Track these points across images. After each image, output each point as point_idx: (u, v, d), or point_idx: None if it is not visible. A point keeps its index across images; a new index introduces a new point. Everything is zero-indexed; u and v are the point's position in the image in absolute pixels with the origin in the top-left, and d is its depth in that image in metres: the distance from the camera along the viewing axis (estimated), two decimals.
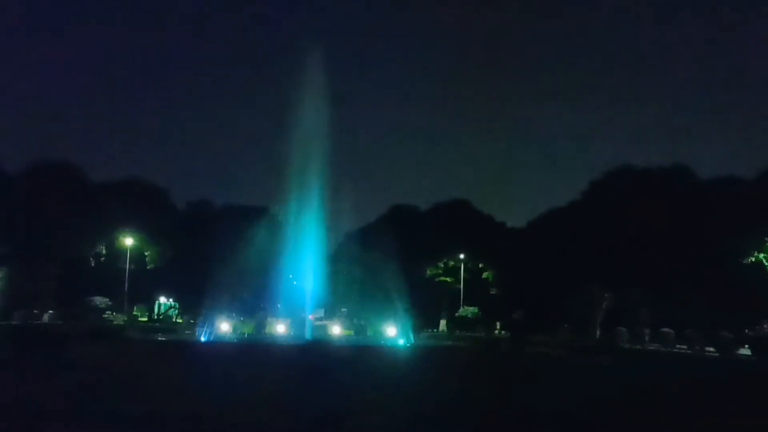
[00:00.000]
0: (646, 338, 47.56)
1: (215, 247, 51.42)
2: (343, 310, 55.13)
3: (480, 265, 74.24)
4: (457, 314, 68.65)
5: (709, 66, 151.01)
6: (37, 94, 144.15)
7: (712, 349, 38.53)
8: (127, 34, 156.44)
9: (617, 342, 46.40)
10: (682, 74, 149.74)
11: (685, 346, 41.73)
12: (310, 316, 47.60)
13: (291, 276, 50.35)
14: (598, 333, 56.54)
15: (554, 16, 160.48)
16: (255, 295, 49.80)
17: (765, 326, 45.39)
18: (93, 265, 67.88)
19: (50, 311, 54.72)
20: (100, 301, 61.56)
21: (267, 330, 47.11)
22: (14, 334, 36.74)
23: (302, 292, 48.16)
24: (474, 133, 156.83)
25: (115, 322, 56.55)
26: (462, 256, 72.25)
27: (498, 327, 63.53)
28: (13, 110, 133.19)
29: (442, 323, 65.90)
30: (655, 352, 39.93)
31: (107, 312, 61.13)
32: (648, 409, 14.93)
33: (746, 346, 37.96)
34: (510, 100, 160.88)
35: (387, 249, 49.71)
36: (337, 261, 53.53)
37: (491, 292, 72.35)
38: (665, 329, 49.47)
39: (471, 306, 69.38)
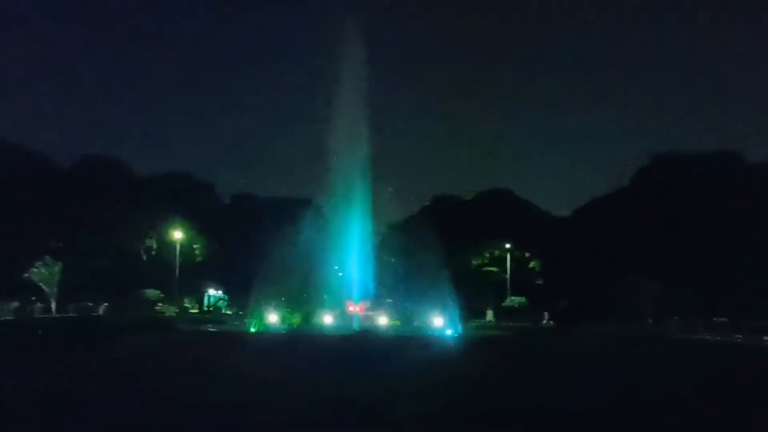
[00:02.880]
0: (700, 328, 46.49)
1: (261, 239, 52.07)
2: (388, 300, 55.15)
3: (526, 255, 73.54)
4: (503, 304, 68.10)
5: (757, 47, 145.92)
6: (85, 90, 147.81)
7: (767, 338, 37.52)
8: (172, 29, 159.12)
9: (667, 332, 45.45)
10: (730, 56, 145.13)
11: (740, 336, 40.65)
12: (354, 307, 47.78)
13: (337, 267, 50.67)
14: (650, 322, 55.49)
15: None
16: (302, 287, 50.17)
17: None
18: (144, 258, 69.60)
19: (104, 303, 56.26)
20: (151, 293, 63.04)
21: (314, 321, 47.49)
22: (71, 326, 37.93)
23: (349, 283, 48.45)
24: (516, 122, 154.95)
25: (166, 314, 57.85)
26: (507, 245, 71.62)
27: (546, 317, 62.84)
28: (62, 106, 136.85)
29: (489, 313, 65.35)
30: (706, 342, 38.90)
31: (159, 304, 62.55)
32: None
33: None
34: (553, 86, 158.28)
35: (431, 239, 49.63)
36: (382, 252, 53.53)
37: (538, 282, 71.61)
38: (719, 318, 48.33)
39: (518, 296, 68.76)
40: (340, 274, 50.57)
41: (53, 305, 53.63)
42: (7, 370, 17.47)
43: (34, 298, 53.94)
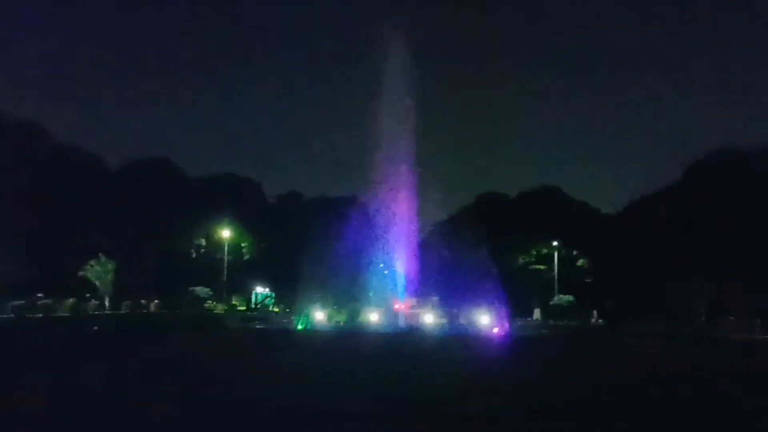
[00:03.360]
0: (757, 329, 44.98)
1: (307, 237, 52.46)
2: (434, 298, 54.93)
3: (574, 253, 72.41)
4: (551, 302, 67.20)
5: None
6: (136, 94, 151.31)
7: None
8: (220, 31, 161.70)
9: (722, 332, 44.09)
10: None
11: None
12: (400, 304, 47.74)
13: (382, 265, 50.70)
14: (702, 322, 53.97)
15: None
16: (347, 285, 50.36)
17: None
18: (193, 256, 70.96)
19: (155, 301, 57.52)
20: (200, 290, 64.21)
21: (360, 319, 47.64)
22: (125, 323, 38.89)
23: (394, 281, 48.44)
24: (564, 118, 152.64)
25: (215, 311, 58.83)
26: (555, 243, 70.61)
27: (595, 315, 61.74)
28: (113, 109, 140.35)
29: (536, 312, 64.62)
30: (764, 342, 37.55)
31: (208, 301, 63.64)
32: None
33: None
34: (603, 81, 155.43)
35: (477, 237, 49.23)
36: (428, 249, 53.32)
37: (586, 280, 70.45)
38: None
39: (566, 294, 67.75)
40: (386, 271, 50.62)
41: (107, 302, 55.06)
42: (72, 366, 18.02)
43: (88, 295, 55.47)
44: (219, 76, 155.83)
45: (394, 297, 47.85)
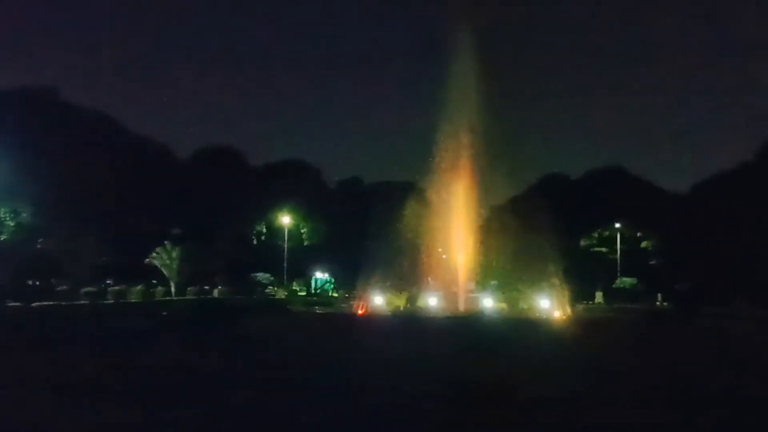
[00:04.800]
0: None
1: (367, 223, 52.68)
2: (493, 282, 54.43)
3: (638, 234, 70.37)
4: (613, 285, 65.57)
5: None
6: (200, 83, 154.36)
7: None
8: (282, 19, 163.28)
9: None
10: None
11: None
12: (459, 289, 47.51)
13: (441, 249, 50.52)
14: None
15: None
16: (407, 270, 50.42)
17: None
18: (255, 243, 72.24)
19: (219, 287, 58.83)
20: (262, 276, 65.28)
21: (419, 303, 47.66)
22: (195, 308, 40.01)
23: (453, 266, 48.26)
24: (629, 95, 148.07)
25: (276, 296, 59.77)
26: (618, 225, 68.79)
27: (660, 298, 59.97)
28: (180, 100, 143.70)
29: (598, 295, 63.17)
30: None
31: (269, 287, 64.69)
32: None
33: None
34: (668, 54, 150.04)
35: (538, 219, 48.41)
36: (488, 233, 52.79)
37: (651, 263, 68.45)
38: None
39: (628, 277, 66.00)
40: (444, 256, 50.43)
41: (172, 288, 56.64)
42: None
43: (155, 281, 57.18)
44: (281, 63, 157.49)
45: (453, 282, 47.71)
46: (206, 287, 57.70)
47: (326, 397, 11.73)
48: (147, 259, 58.26)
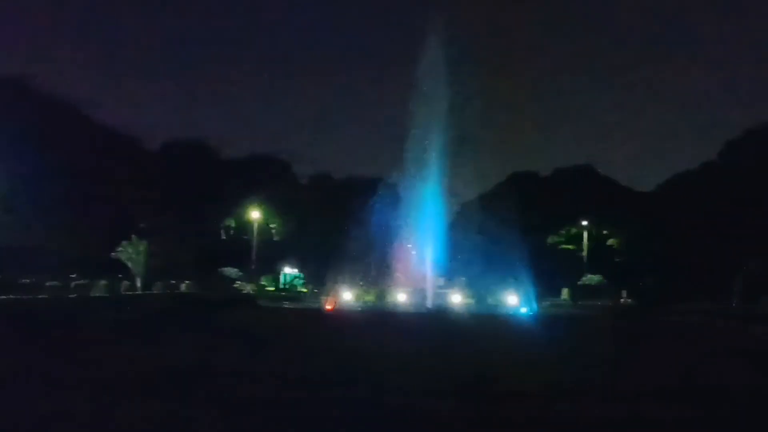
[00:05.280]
0: None
1: (337, 218, 52.65)
2: (462, 278, 54.85)
3: (604, 232, 71.49)
4: (580, 282, 66.55)
5: None
6: (171, 76, 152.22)
7: None
8: (249, 15, 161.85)
9: (760, 311, 43.36)
10: None
11: None
12: (427, 284, 47.75)
13: (410, 245, 50.73)
14: (734, 302, 53.11)
15: None
16: (376, 265, 50.57)
17: None
18: (223, 237, 71.66)
19: (186, 282, 58.25)
20: (230, 271, 64.84)
21: (388, 299, 47.78)
22: (167, 302, 39.58)
23: (422, 261, 48.47)
24: (596, 95, 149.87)
25: (244, 291, 59.41)
26: (585, 222, 69.79)
27: (624, 295, 61.05)
28: (151, 90, 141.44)
29: (565, 291, 64.05)
30: None
31: (237, 282, 64.27)
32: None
33: None
34: (634, 57, 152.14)
35: (507, 216, 48.93)
36: (457, 229, 53.16)
37: (616, 260, 69.59)
38: None
39: (595, 274, 67.05)
40: (414, 252, 50.65)
41: (138, 283, 55.91)
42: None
43: (120, 276, 56.38)
44: (251, 57, 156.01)
45: (422, 277, 47.91)
46: (173, 282, 57.11)
47: (289, 389, 11.69)
48: (113, 253, 57.40)
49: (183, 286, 56.38)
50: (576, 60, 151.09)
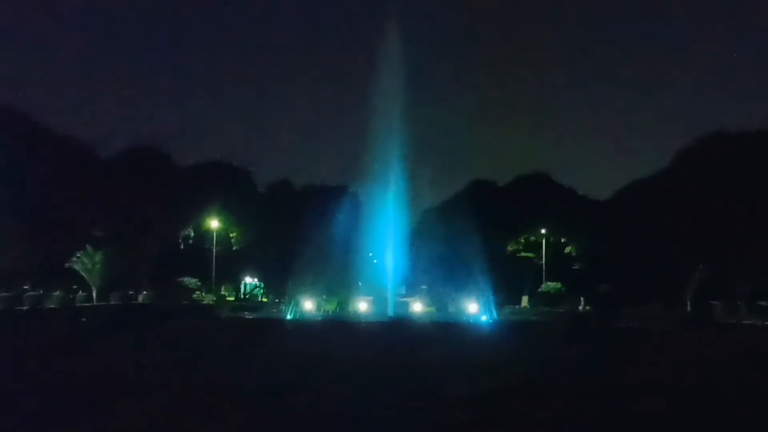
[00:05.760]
0: (742, 312, 45.52)
1: (297, 227, 52.37)
2: (423, 287, 55.21)
3: (562, 240, 72.69)
4: (539, 290, 67.55)
5: None
6: (127, 82, 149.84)
7: None
8: (205, 18, 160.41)
9: (711, 316, 44.73)
10: None
11: None
12: (389, 293, 47.90)
13: (372, 254, 50.82)
14: (688, 307, 54.59)
15: None
16: (338, 274, 50.50)
17: None
18: (182, 247, 70.62)
19: (144, 292, 57.31)
20: (189, 281, 63.99)
21: (350, 308, 47.77)
22: (117, 313, 38.80)
23: (383, 270, 48.58)
24: (553, 105, 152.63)
25: (204, 302, 58.71)
26: (543, 230, 70.87)
27: (582, 302, 62.16)
28: (105, 98, 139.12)
29: (524, 299, 64.96)
30: (756, 327, 38.04)
31: (196, 292, 63.48)
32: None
33: None
34: (589, 67, 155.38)
35: (467, 225, 49.37)
36: (417, 238, 53.50)
37: (574, 267, 70.78)
38: (762, 302, 47.33)
39: (553, 281, 68.10)
40: (375, 261, 50.74)
41: (94, 294, 54.81)
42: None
43: (75, 287, 55.18)
44: (209, 63, 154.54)
45: (383, 286, 48.00)
46: (131, 292, 56.16)
47: (249, 399, 11.63)
48: (67, 264, 56.16)
49: (140, 297, 55.46)
50: (536, 71, 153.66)
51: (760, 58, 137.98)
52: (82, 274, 56.03)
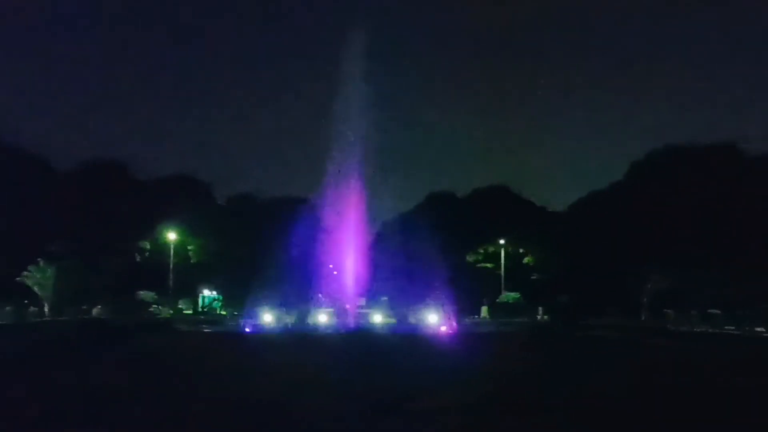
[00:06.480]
0: (694, 320, 46.75)
1: (257, 239, 52.02)
2: (383, 298, 55.23)
3: (521, 251, 73.64)
4: (498, 300, 68.27)
5: (751, 39, 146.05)
6: (84, 93, 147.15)
7: (762, 329, 37.70)
8: (165, 30, 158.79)
9: (665, 324, 45.81)
10: (725, 48, 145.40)
11: (733, 327, 40.86)
12: (349, 305, 47.80)
13: (332, 266, 50.68)
14: (643, 315, 55.82)
15: None
16: (297, 286, 50.19)
17: None
18: (138, 260, 69.39)
19: (98, 306, 56.12)
20: (146, 295, 62.91)
21: (309, 320, 47.48)
22: (71, 329, 37.83)
23: (344, 282, 48.48)
24: (511, 118, 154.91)
25: (161, 316, 57.76)
26: (502, 241, 71.74)
27: (540, 312, 63.03)
28: (61, 110, 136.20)
29: (484, 309, 65.55)
30: (707, 334, 39.11)
31: (153, 306, 62.43)
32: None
33: None
34: (548, 82, 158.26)
35: (426, 236, 49.70)
36: (378, 249, 53.55)
37: (533, 277, 71.74)
38: (713, 310, 48.67)
39: (512, 291, 68.92)
40: (335, 272, 50.61)
41: (46, 309, 53.46)
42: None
43: (26, 302, 53.75)
44: (169, 76, 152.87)
45: (343, 298, 47.88)
46: (84, 307, 54.95)
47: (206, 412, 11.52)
48: (18, 278, 54.68)
49: (95, 312, 54.28)
50: (495, 84, 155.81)
51: (709, 73, 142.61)
52: (34, 289, 54.59)
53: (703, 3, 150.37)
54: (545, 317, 61.20)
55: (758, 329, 37.78)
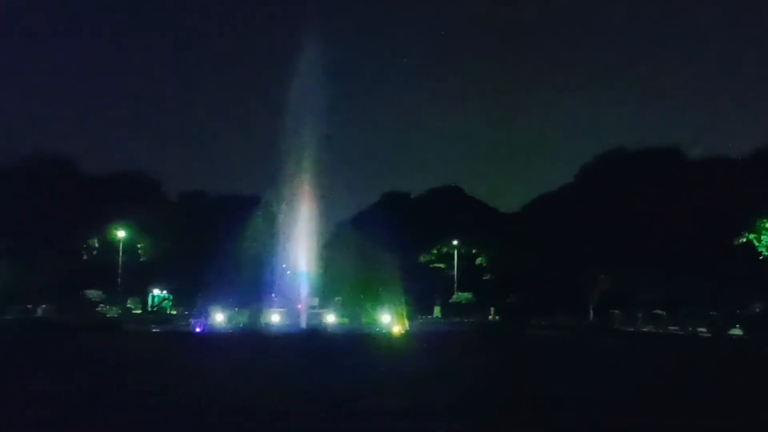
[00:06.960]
0: (639, 320, 48.02)
1: (209, 237, 51.40)
2: (337, 298, 55.20)
3: (473, 251, 74.47)
4: (451, 300, 68.96)
5: (698, 48, 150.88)
6: (30, 86, 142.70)
7: (703, 329, 38.97)
8: (118, 25, 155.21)
9: (611, 324, 46.95)
10: (672, 56, 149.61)
11: (677, 327, 42.16)
12: (302, 305, 47.61)
13: (285, 265, 50.42)
14: (591, 315, 57.11)
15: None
16: (249, 286, 49.76)
17: (756, 306, 45.86)
18: (85, 258, 67.74)
19: (43, 305, 54.62)
20: (93, 294, 61.48)
21: (262, 320, 47.09)
22: (13, 328, 36.80)
23: (296, 282, 48.28)
24: (465, 120, 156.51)
25: (108, 315, 56.57)
26: (455, 242, 72.46)
27: (492, 312, 63.94)
28: (5, 103, 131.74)
29: (437, 309, 66.19)
30: (651, 334, 40.34)
31: (101, 305, 61.08)
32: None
33: (738, 325, 38.47)
34: (500, 85, 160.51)
35: (380, 236, 49.91)
36: (331, 249, 53.53)
37: (485, 278, 72.67)
38: (657, 311, 50.14)
39: (465, 292, 69.68)
40: (288, 272, 50.37)
41: None
42: None
43: None
44: (119, 68, 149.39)
45: (296, 297, 47.68)
46: (28, 306, 53.40)
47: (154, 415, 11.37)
48: None
49: (39, 311, 52.79)
50: (447, 88, 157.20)
51: (659, 78, 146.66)
52: None
53: (650, 13, 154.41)
54: (496, 317, 62.10)
55: (700, 329, 39.03)
